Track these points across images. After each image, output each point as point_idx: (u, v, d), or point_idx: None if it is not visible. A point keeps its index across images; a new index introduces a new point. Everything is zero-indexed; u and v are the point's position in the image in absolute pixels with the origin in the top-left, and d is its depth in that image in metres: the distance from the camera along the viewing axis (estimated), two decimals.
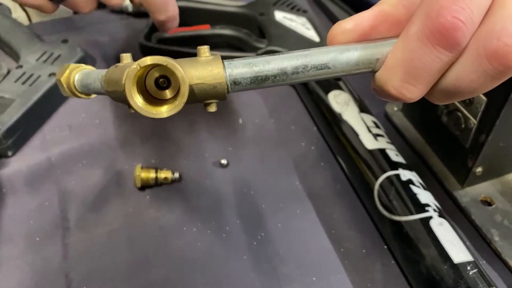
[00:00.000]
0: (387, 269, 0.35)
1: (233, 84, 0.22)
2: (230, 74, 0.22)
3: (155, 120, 0.45)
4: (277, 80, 0.22)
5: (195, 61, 0.22)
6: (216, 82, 0.21)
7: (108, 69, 0.25)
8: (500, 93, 0.33)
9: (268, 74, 0.22)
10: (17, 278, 0.34)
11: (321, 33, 0.51)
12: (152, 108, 0.21)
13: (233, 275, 0.34)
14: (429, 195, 0.35)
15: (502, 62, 0.20)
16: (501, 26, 0.20)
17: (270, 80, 0.22)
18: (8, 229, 0.36)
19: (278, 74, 0.22)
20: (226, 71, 0.22)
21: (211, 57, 0.22)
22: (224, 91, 0.22)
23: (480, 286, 0.29)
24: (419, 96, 0.23)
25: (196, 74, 0.21)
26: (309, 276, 0.34)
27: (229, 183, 0.40)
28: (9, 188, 0.39)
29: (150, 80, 0.21)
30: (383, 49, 0.22)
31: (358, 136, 0.39)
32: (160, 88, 0.21)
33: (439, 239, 0.32)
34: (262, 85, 0.22)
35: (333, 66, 0.22)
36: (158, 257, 0.35)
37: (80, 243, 0.36)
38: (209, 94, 0.22)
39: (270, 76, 0.22)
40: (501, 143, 0.36)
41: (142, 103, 0.21)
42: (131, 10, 0.58)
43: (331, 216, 0.38)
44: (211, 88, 0.22)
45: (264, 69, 0.22)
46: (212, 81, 0.21)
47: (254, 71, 0.22)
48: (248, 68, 0.22)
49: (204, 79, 0.21)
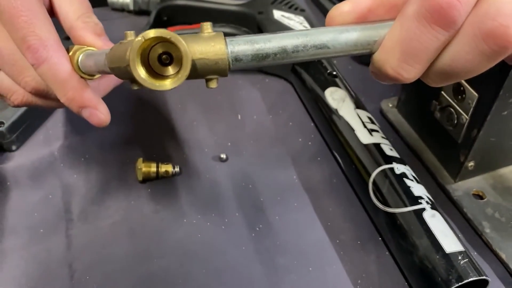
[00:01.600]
0: (381, 260, 0.36)
1: (234, 60, 0.22)
2: (232, 50, 0.22)
3: (156, 115, 0.46)
4: (277, 58, 0.22)
5: (198, 37, 0.22)
6: (218, 58, 0.22)
7: (113, 46, 0.25)
8: (491, 89, 0.34)
9: (269, 52, 0.22)
10: (22, 268, 0.34)
11: None
12: (155, 81, 0.21)
13: (232, 266, 0.35)
14: (422, 188, 0.36)
15: (497, 42, 0.21)
16: (496, 7, 0.21)
17: (270, 58, 0.22)
18: (13, 222, 0.37)
19: (279, 52, 0.22)
20: (228, 48, 0.22)
21: (213, 33, 0.22)
22: (226, 67, 0.22)
23: (471, 274, 0.30)
24: (416, 76, 0.23)
25: (198, 49, 0.22)
26: (306, 267, 0.35)
27: (228, 177, 0.41)
28: (13, 181, 0.40)
29: (153, 56, 0.21)
30: (381, 31, 0.23)
31: (354, 131, 0.40)
32: (163, 64, 0.22)
33: (432, 230, 0.33)
34: (262, 62, 0.22)
35: (332, 46, 0.23)
36: (158, 248, 0.36)
37: (83, 234, 0.37)
38: (211, 69, 0.22)
39: (270, 54, 0.22)
40: (492, 138, 0.37)
41: (145, 76, 0.21)
42: (132, 8, 0.59)
43: (327, 209, 0.39)
44: (213, 64, 0.22)
45: (265, 46, 0.22)
46: (214, 57, 0.22)
47: (255, 49, 0.22)
48: (250, 45, 0.22)
49: (206, 54, 0.22)
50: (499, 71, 0.32)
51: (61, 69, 0.28)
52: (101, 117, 0.29)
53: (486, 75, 0.33)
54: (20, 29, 0.27)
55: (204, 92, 0.49)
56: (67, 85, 0.28)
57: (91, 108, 0.29)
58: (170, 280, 0.34)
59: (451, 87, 0.38)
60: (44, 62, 0.27)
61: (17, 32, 0.27)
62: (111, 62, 0.24)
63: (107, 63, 0.25)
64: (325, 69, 0.46)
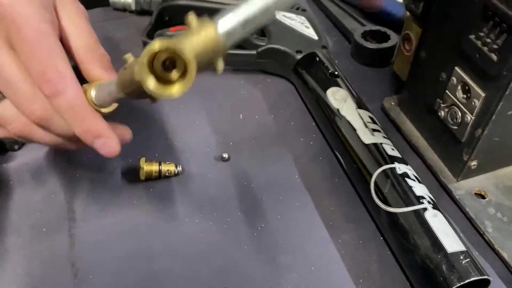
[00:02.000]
0: (383, 259, 0.36)
1: (227, 37, 0.22)
2: (223, 32, 0.22)
3: (159, 115, 0.47)
4: (263, 18, 0.23)
5: (190, 34, 0.22)
6: (213, 44, 0.22)
7: (118, 73, 0.26)
8: (498, 88, 0.34)
9: (256, 15, 0.22)
10: (25, 267, 0.35)
11: (319, 32, 0.52)
12: (166, 89, 0.22)
13: (234, 265, 0.35)
14: (424, 188, 0.36)
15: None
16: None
17: (258, 20, 0.23)
18: (16, 220, 0.38)
19: (263, 12, 0.23)
20: (218, 31, 0.22)
21: (200, 23, 0.22)
22: (223, 47, 0.23)
23: (472, 274, 0.30)
24: None
25: (194, 46, 0.22)
26: (308, 266, 0.35)
27: (230, 176, 0.41)
28: (16, 181, 0.40)
29: (157, 65, 0.22)
30: None
31: (356, 131, 0.40)
32: (167, 69, 0.22)
33: (433, 230, 0.33)
34: (252, 26, 0.23)
35: None
36: (161, 247, 0.36)
37: (86, 233, 0.37)
38: (210, 57, 0.23)
39: (257, 16, 0.23)
40: (496, 137, 0.37)
41: (159, 87, 0.22)
42: (133, 8, 0.59)
43: (329, 208, 0.39)
44: (210, 51, 0.22)
45: (249, 11, 0.22)
46: (209, 45, 0.22)
47: (243, 18, 0.22)
48: (237, 17, 0.22)
49: (203, 47, 0.22)
50: (506, 71, 0.32)
51: (78, 101, 0.29)
52: (114, 147, 0.30)
53: (493, 75, 0.33)
54: (40, 62, 0.28)
55: (206, 92, 0.49)
56: (83, 117, 0.29)
57: (105, 138, 0.30)
58: (172, 279, 0.34)
59: (457, 86, 0.38)
60: (62, 94, 0.28)
61: (37, 65, 0.28)
62: (124, 87, 0.25)
63: (119, 89, 0.26)
64: (326, 69, 0.46)
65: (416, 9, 0.44)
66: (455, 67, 0.37)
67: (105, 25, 0.58)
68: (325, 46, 0.50)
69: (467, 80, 0.36)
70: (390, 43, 0.52)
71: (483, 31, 0.34)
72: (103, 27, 0.58)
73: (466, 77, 0.36)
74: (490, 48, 0.33)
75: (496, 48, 0.33)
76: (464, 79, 0.37)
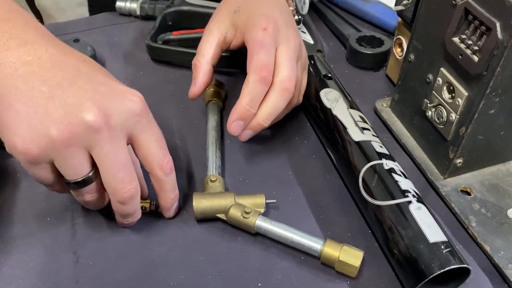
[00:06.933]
0: (370, 250, 0.37)
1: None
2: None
3: (159, 114, 0.48)
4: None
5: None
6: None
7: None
8: (480, 88, 0.35)
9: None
10: (30, 253, 0.37)
11: (315, 36, 0.54)
12: None
13: (229, 254, 0.37)
14: (409, 183, 0.37)
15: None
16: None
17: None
18: (22, 210, 0.40)
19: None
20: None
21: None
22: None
23: (452, 262, 0.32)
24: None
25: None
26: (298, 256, 0.37)
27: (227, 172, 0.43)
28: (22, 173, 0.42)
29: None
30: None
31: (346, 129, 0.41)
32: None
33: (417, 221, 0.34)
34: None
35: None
36: (158, 237, 0.38)
37: (88, 223, 0.39)
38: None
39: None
40: (480, 136, 0.39)
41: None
42: (138, 13, 0.61)
43: (321, 203, 0.41)
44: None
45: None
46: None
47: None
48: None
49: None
50: (486, 71, 0.34)
51: (133, 206, 0.35)
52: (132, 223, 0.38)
53: (475, 75, 0.35)
54: (120, 182, 0.33)
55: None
56: (132, 215, 0.36)
57: (134, 219, 0.37)
58: (169, 266, 0.36)
59: (443, 86, 0.39)
60: (131, 207, 0.35)
61: (116, 185, 0.33)
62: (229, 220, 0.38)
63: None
64: (320, 71, 0.48)
65: (408, 15, 0.46)
66: (441, 68, 0.39)
67: (111, 29, 0.61)
68: (320, 50, 0.52)
69: (451, 80, 0.38)
70: (384, 48, 0.54)
71: (465, 34, 0.36)
72: (110, 31, 0.60)
73: (451, 77, 0.38)
74: (472, 50, 0.35)
75: (477, 50, 0.35)
76: (449, 80, 0.38)
